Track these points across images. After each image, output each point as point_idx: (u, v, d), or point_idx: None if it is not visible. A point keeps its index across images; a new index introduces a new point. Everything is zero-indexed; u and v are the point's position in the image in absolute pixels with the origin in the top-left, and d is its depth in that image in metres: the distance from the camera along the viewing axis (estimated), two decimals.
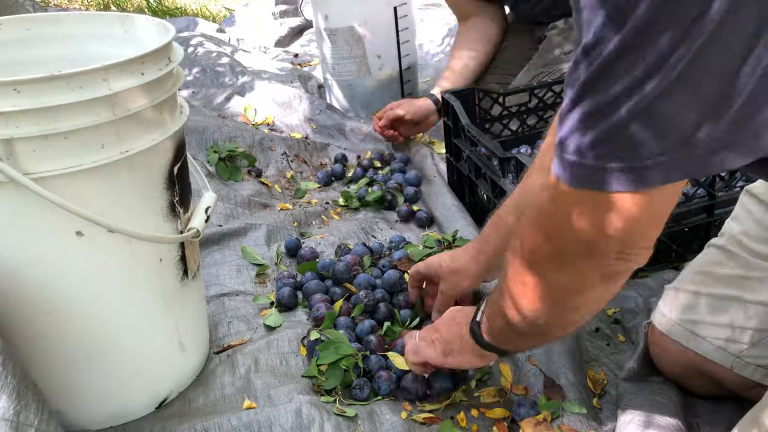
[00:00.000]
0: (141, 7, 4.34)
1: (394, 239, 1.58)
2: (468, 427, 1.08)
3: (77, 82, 0.82)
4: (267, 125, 2.23)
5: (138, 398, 1.10)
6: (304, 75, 2.60)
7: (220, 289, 1.41)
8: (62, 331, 0.98)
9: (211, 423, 1.03)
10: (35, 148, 0.83)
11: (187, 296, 1.11)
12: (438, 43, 2.89)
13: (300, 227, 1.69)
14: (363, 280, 1.38)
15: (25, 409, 0.78)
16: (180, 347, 1.13)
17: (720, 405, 1.06)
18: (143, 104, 0.90)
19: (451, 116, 1.62)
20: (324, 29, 2.24)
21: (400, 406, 1.11)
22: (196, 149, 1.94)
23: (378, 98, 2.30)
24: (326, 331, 1.21)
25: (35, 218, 0.88)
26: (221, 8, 4.38)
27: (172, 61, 0.95)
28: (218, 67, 2.51)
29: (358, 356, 1.16)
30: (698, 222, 1.36)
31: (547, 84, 1.73)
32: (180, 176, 1.03)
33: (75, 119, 0.84)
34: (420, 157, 1.96)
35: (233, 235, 1.60)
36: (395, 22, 2.21)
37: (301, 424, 1.02)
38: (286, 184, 1.92)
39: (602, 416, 1.09)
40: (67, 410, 1.06)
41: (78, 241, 0.92)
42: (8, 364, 0.81)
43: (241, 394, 1.13)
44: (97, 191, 0.90)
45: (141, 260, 1.00)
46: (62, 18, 1.09)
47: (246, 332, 1.29)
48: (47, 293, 0.94)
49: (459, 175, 1.69)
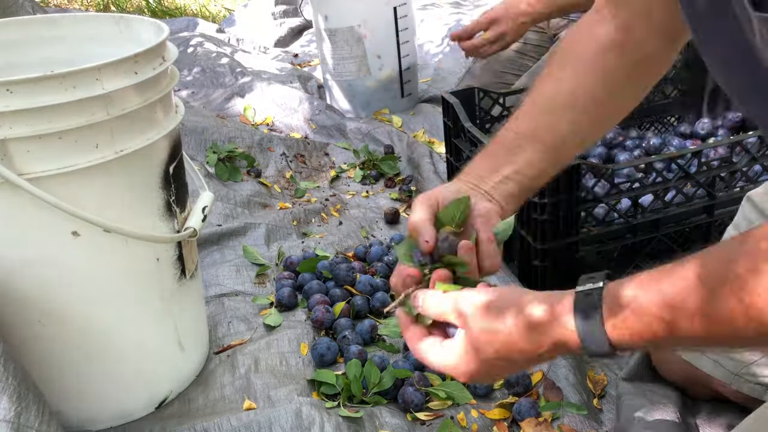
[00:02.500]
0: (140, 8, 4.34)
1: (395, 238, 1.58)
2: (468, 427, 1.07)
3: (70, 81, 0.82)
4: (266, 125, 2.23)
5: (137, 398, 1.10)
6: (304, 75, 2.60)
7: (219, 289, 1.41)
8: (60, 332, 0.98)
9: (211, 423, 1.03)
10: (29, 149, 0.83)
11: (185, 296, 1.11)
12: (438, 43, 2.89)
13: (300, 226, 1.68)
14: (364, 281, 1.38)
15: (26, 411, 0.78)
16: (179, 347, 1.12)
17: (720, 406, 1.06)
18: (137, 104, 0.90)
19: (451, 116, 1.62)
20: (324, 29, 2.23)
21: (400, 410, 1.11)
22: (195, 150, 1.93)
23: (378, 98, 2.30)
24: None
25: (31, 219, 0.88)
26: (221, 8, 4.38)
27: (167, 61, 0.95)
28: (218, 67, 2.51)
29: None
30: (698, 222, 1.35)
31: None
32: (176, 175, 1.02)
33: (69, 119, 0.84)
34: (418, 156, 1.95)
35: (233, 235, 1.59)
36: (395, 22, 2.20)
37: (301, 425, 1.02)
38: (286, 184, 1.92)
39: (602, 417, 1.08)
40: (67, 411, 1.05)
41: (74, 241, 0.92)
42: (9, 365, 0.80)
43: (241, 394, 1.12)
44: (93, 191, 0.90)
45: (138, 260, 1.00)
46: (57, 20, 1.09)
47: (246, 332, 1.29)
48: (44, 294, 0.94)
49: None
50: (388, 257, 1.49)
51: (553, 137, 0.83)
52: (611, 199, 1.28)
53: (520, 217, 1.31)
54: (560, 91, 0.85)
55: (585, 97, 0.84)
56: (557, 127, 0.84)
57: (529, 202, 1.26)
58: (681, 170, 1.28)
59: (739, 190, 1.34)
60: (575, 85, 0.84)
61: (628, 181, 1.28)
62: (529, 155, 0.83)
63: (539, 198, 1.23)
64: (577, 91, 0.84)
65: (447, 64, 2.68)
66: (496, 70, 2.08)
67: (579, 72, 0.85)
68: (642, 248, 1.35)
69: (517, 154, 0.83)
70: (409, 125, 2.23)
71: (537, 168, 0.83)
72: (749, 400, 0.99)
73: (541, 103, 0.86)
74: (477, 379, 0.70)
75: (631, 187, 1.28)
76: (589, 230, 1.30)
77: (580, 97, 0.84)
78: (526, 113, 0.86)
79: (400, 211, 1.76)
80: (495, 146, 0.85)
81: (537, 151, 0.83)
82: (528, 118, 0.85)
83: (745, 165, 1.32)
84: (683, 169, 1.27)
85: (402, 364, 1.16)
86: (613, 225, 1.31)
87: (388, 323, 1.32)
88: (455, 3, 3.42)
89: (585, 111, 0.84)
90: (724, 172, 1.31)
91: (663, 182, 1.29)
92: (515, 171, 0.82)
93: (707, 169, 1.30)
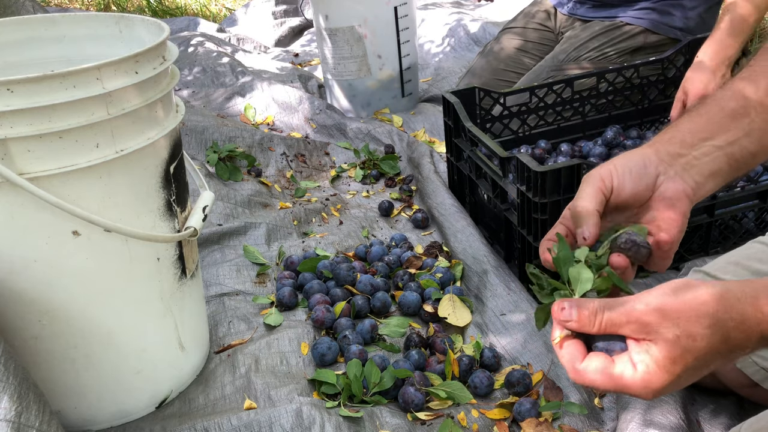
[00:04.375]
0: (141, 7, 4.34)
1: (395, 237, 1.58)
2: (468, 427, 1.07)
3: (71, 81, 0.82)
4: (267, 125, 2.23)
5: (138, 398, 1.10)
6: (305, 75, 2.60)
7: (220, 289, 1.41)
8: (60, 332, 0.98)
9: (212, 423, 1.03)
10: (30, 148, 0.83)
11: (186, 295, 1.11)
12: (438, 43, 2.89)
13: (300, 225, 1.68)
14: (365, 280, 1.38)
15: (26, 411, 0.78)
16: (179, 347, 1.12)
17: (721, 403, 1.06)
18: (138, 103, 0.90)
19: (451, 116, 1.62)
20: (324, 29, 2.23)
21: (400, 410, 1.11)
22: (196, 149, 1.93)
23: (378, 98, 2.30)
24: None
25: (31, 218, 0.88)
26: (222, 8, 4.38)
27: (167, 60, 0.95)
28: (218, 67, 2.51)
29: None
30: (699, 222, 1.35)
31: (547, 84, 1.72)
32: (176, 175, 1.02)
33: (69, 119, 0.84)
34: (418, 156, 1.95)
35: (233, 235, 1.59)
36: (396, 22, 2.20)
37: (302, 425, 1.02)
38: (286, 184, 1.92)
39: (603, 416, 1.08)
40: (67, 410, 1.05)
41: (74, 240, 0.92)
42: (10, 365, 0.80)
43: (242, 393, 1.12)
44: (93, 190, 0.90)
45: (138, 259, 1.00)
46: (57, 19, 1.09)
47: (246, 332, 1.29)
48: (45, 293, 0.94)
49: (459, 175, 1.69)
50: (389, 257, 1.49)
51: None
52: None
53: (521, 217, 1.31)
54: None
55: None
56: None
57: (529, 202, 1.26)
58: None
59: (740, 190, 1.34)
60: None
61: None
62: (758, 125, 0.69)
63: (539, 198, 1.23)
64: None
65: (447, 64, 2.68)
66: (497, 69, 2.08)
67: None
68: None
69: (739, 120, 0.69)
70: (409, 125, 2.23)
71: (760, 142, 0.70)
72: (746, 387, 0.98)
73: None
74: (665, 393, 0.60)
75: None
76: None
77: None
78: (760, 74, 0.71)
79: (398, 209, 1.76)
80: (711, 107, 0.71)
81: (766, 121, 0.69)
82: (761, 80, 0.70)
83: None
84: None
85: (402, 364, 1.16)
86: None
87: (389, 323, 1.32)
88: (456, 3, 3.41)
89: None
90: None
91: None
92: (731, 141, 0.69)
93: None
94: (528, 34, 2.11)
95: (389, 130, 2.15)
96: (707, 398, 1.07)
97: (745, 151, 0.69)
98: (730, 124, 0.69)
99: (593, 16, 1.96)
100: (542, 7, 2.13)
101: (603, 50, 1.87)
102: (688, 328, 0.56)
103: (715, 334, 0.56)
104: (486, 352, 1.20)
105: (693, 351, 0.57)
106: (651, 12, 1.86)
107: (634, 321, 0.58)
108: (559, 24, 2.07)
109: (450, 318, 1.30)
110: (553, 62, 1.91)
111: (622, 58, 1.87)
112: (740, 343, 0.57)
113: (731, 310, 0.56)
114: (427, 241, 1.61)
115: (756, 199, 1.38)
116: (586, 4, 1.98)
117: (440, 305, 1.32)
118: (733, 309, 0.56)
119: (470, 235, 1.52)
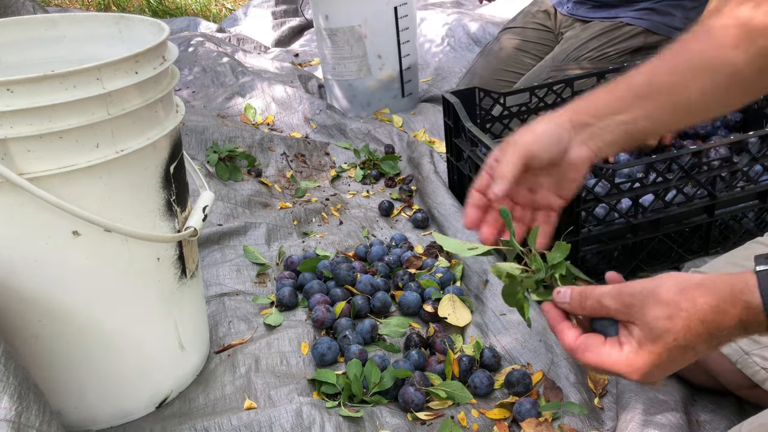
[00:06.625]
0: (141, 7, 4.34)
1: (395, 237, 1.58)
2: (468, 427, 1.07)
3: (71, 81, 0.82)
4: (267, 125, 2.23)
5: (138, 398, 1.10)
6: (305, 75, 2.60)
7: (220, 289, 1.41)
8: (61, 331, 0.98)
9: (212, 423, 1.03)
10: (30, 148, 0.83)
11: (186, 295, 1.11)
12: (438, 43, 2.89)
13: (300, 225, 1.68)
14: (365, 280, 1.38)
15: (26, 411, 0.78)
16: (180, 347, 1.12)
17: (721, 404, 1.06)
18: (138, 103, 0.90)
19: (451, 116, 1.62)
20: (324, 29, 2.23)
21: (400, 410, 1.11)
22: (196, 149, 1.94)
23: (378, 98, 2.30)
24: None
25: (31, 218, 0.88)
26: (222, 8, 4.38)
27: (167, 60, 0.95)
28: (218, 67, 2.51)
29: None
30: (699, 222, 1.35)
31: (547, 84, 1.72)
32: (176, 175, 1.02)
33: (69, 119, 0.84)
34: (418, 156, 1.95)
35: (233, 235, 1.59)
36: (396, 22, 2.20)
37: (302, 424, 1.02)
38: (286, 184, 1.92)
39: (603, 416, 1.08)
40: (68, 410, 1.05)
41: (74, 240, 0.92)
42: (10, 365, 0.80)
43: (242, 393, 1.12)
44: (93, 190, 0.90)
45: (138, 259, 1.00)
46: (57, 20, 1.09)
47: (246, 332, 1.29)
48: (45, 293, 0.94)
49: (459, 175, 1.69)
50: (389, 257, 1.49)
51: (689, 96, 0.79)
52: (612, 199, 1.28)
53: None
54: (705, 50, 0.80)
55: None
56: (701, 87, 0.79)
57: None
58: (681, 170, 1.27)
59: (740, 190, 1.34)
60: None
61: (629, 181, 1.27)
62: (658, 107, 0.80)
63: None
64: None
65: (447, 64, 2.68)
66: (497, 69, 2.08)
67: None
68: (642, 248, 1.35)
69: (646, 101, 0.80)
70: (409, 125, 2.23)
71: (656, 122, 0.81)
72: (745, 388, 0.98)
73: (687, 58, 0.80)
74: (652, 375, 0.65)
75: (632, 187, 1.28)
76: (589, 230, 1.29)
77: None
78: (667, 62, 0.81)
79: (398, 209, 1.76)
80: (623, 86, 0.82)
81: (665, 104, 0.80)
82: (668, 68, 0.80)
83: (745, 165, 1.32)
84: (684, 169, 1.27)
85: (402, 364, 1.16)
86: (614, 225, 1.31)
87: (389, 323, 1.32)
88: (456, 2, 3.41)
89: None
90: (725, 172, 1.31)
91: (663, 182, 1.28)
92: (634, 119, 0.80)
93: (708, 169, 1.30)
94: (528, 34, 2.11)
95: (389, 130, 2.15)
96: (707, 398, 1.07)
97: (641, 129, 0.81)
98: (634, 104, 0.80)
99: (593, 17, 1.96)
100: (542, 7, 2.13)
101: (603, 50, 1.87)
102: (667, 309, 0.62)
103: (692, 315, 0.61)
104: (486, 352, 1.20)
105: (672, 331, 0.62)
106: (651, 12, 1.86)
107: (619, 303, 0.65)
108: (559, 24, 2.07)
109: (450, 318, 1.30)
110: (553, 62, 1.91)
111: (622, 58, 1.87)
112: (718, 326, 0.60)
113: (708, 293, 0.61)
114: (427, 241, 1.61)
115: (756, 199, 1.38)
116: (586, 5, 1.98)
117: (440, 305, 1.32)
118: (710, 292, 0.61)
119: (471, 234, 1.52)
